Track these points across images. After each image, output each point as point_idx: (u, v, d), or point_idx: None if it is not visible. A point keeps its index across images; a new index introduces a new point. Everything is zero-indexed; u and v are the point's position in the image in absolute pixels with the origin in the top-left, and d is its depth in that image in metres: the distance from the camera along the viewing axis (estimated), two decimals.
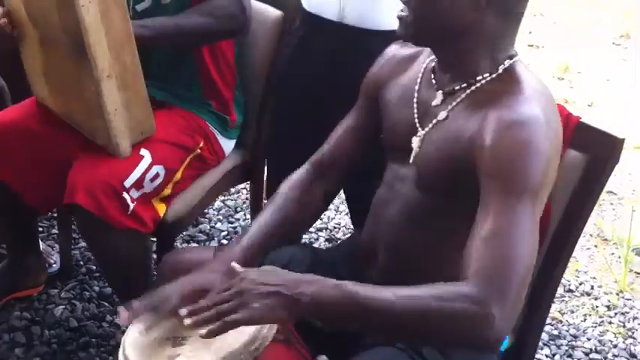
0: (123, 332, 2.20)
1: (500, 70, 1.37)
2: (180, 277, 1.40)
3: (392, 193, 1.50)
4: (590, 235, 3.08)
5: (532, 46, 4.92)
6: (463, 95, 1.39)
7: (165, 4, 2.01)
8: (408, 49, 1.55)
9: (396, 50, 1.58)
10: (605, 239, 3.07)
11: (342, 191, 1.93)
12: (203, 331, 1.17)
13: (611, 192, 3.39)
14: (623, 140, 1.52)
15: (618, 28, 5.32)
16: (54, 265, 2.53)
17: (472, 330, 1.17)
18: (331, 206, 2.76)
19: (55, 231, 2.71)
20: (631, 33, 5.24)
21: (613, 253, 2.99)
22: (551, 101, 1.36)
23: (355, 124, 1.62)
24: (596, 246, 3.03)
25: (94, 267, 2.55)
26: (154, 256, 2.13)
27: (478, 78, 1.38)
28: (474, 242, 1.23)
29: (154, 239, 2.09)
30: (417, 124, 1.44)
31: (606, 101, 4.27)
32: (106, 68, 1.79)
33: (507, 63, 1.38)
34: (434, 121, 1.41)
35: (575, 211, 1.59)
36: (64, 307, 2.38)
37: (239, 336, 1.21)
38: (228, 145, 2.22)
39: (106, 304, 2.41)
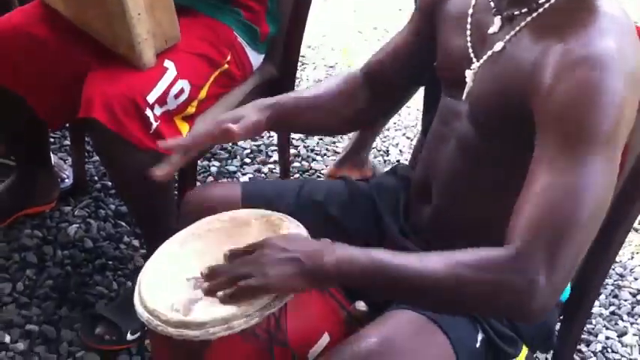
0: (142, 256, 2.13)
1: None
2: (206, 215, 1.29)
3: (446, 128, 1.33)
4: None
5: None
6: (524, 23, 1.19)
7: None
8: None
9: None
10: None
11: None
12: (220, 293, 1.08)
13: None
14: None
15: None
16: (66, 181, 2.38)
17: (512, 303, 1.02)
18: None
19: (67, 142, 2.55)
20: None
21: None
22: (631, 32, 1.13)
23: (406, 40, 1.44)
24: None
25: (110, 183, 2.40)
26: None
27: (541, 1, 1.17)
28: (524, 198, 1.05)
29: None
30: (472, 55, 1.26)
31: None
32: None
33: None
34: (489, 52, 1.23)
35: None
36: (77, 225, 2.24)
37: None
38: (256, 59, 2.03)
39: (123, 223, 2.27)
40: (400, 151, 2.80)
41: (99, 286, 2.05)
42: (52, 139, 2.52)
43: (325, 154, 2.75)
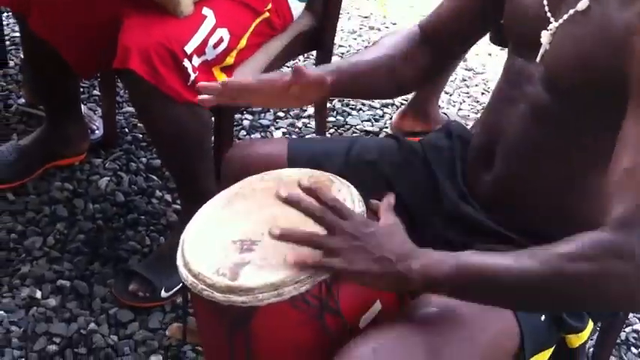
0: (174, 211, 2.07)
1: None
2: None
3: (516, 91, 1.24)
4: None
5: None
6: None
7: None
8: None
9: None
10: None
11: None
12: (291, 256, 1.02)
13: None
14: None
15: None
16: (96, 132, 2.32)
17: (621, 290, 0.93)
18: None
19: (96, 92, 2.49)
20: None
21: None
22: None
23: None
24: None
25: (141, 135, 2.34)
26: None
27: None
28: (619, 171, 0.97)
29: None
30: (548, 13, 1.17)
31: None
32: None
33: None
34: (571, 11, 1.13)
35: None
36: (108, 179, 2.18)
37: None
38: (297, 7, 1.94)
39: (155, 177, 2.21)
40: (440, 106, 2.69)
41: (131, 242, 2.00)
42: (81, 89, 2.46)
43: (361, 109, 2.66)
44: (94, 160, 2.25)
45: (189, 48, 1.63)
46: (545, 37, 1.17)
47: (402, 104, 2.64)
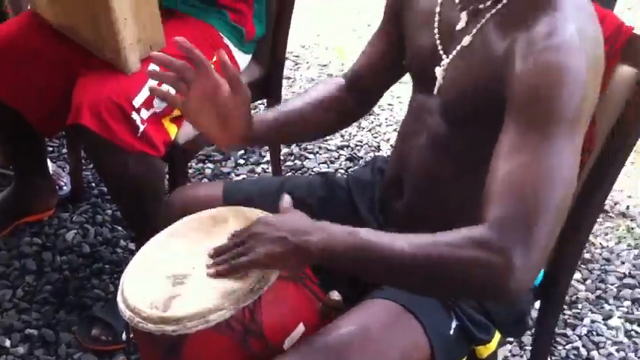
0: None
1: None
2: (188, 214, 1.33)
3: (418, 124, 1.35)
4: None
5: None
6: (489, 15, 1.21)
7: None
8: None
9: None
10: None
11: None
12: (211, 270, 1.15)
13: None
14: None
15: None
16: (64, 188, 2.42)
17: (489, 281, 1.03)
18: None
19: (65, 150, 2.60)
20: None
21: None
22: (592, 16, 1.16)
23: (377, 47, 1.49)
24: (632, 163, 2.82)
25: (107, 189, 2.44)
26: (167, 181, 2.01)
27: None
28: (496, 178, 1.07)
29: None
30: (441, 51, 1.29)
31: None
32: None
33: None
34: (458, 47, 1.26)
35: (624, 130, 1.43)
36: (75, 231, 2.28)
37: (243, 278, 1.15)
38: (243, 59, 2.07)
39: (120, 228, 2.31)
40: (391, 146, 2.81)
41: (96, 289, 2.09)
42: (50, 148, 2.58)
43: (318, 152, 2.78)
44: (62, 215, 2.35)
45: (137, 102, 1.74)
46: (439, 72, 1.29)
47: (356, 146, 2.76)
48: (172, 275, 1.20)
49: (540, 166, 1.05)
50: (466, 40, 1.24)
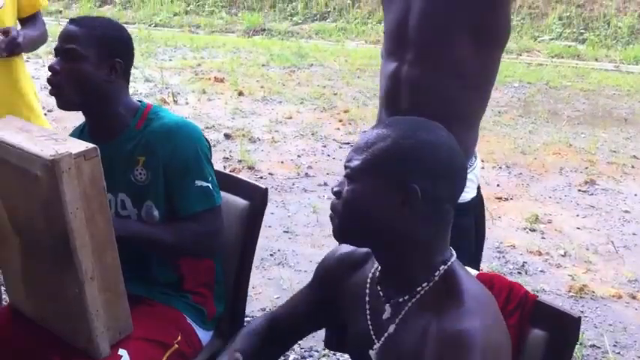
0: None
1: (436, 278, 1.40)
2: None
3: None
4: None
5: (500, 199, 5.04)
6: (407, 307, 1.42)
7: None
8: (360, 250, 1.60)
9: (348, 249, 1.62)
10: None
11: None
12: None
13: None
14: (579, 319, 1.54)
15: (582, 175, 5.47)
16: None
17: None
18: None
19: None
20: (595, 179, 5.39)
21: None
22: (492, 307, 1.38)
23: (306, 307, 1.70)
24: None
25: None
26: None
27: (418, 289, 1.41)
28: None
29: None
30: (373, 337, 1.49)
31: (580, 250, 4.32)
32: (90, 270, 1.84)
33: (442, 269, 1.40)
34: (385, 334, 1.46)
35: None
36: None
37: None
38: (205, 336, 2.25)
39: None
40: None
41: None
42: None
43: None
44: None
45: None
46: (372, 356, 1.48)
47: None
48: None
49: None
50: (391, 329, 1.44)
